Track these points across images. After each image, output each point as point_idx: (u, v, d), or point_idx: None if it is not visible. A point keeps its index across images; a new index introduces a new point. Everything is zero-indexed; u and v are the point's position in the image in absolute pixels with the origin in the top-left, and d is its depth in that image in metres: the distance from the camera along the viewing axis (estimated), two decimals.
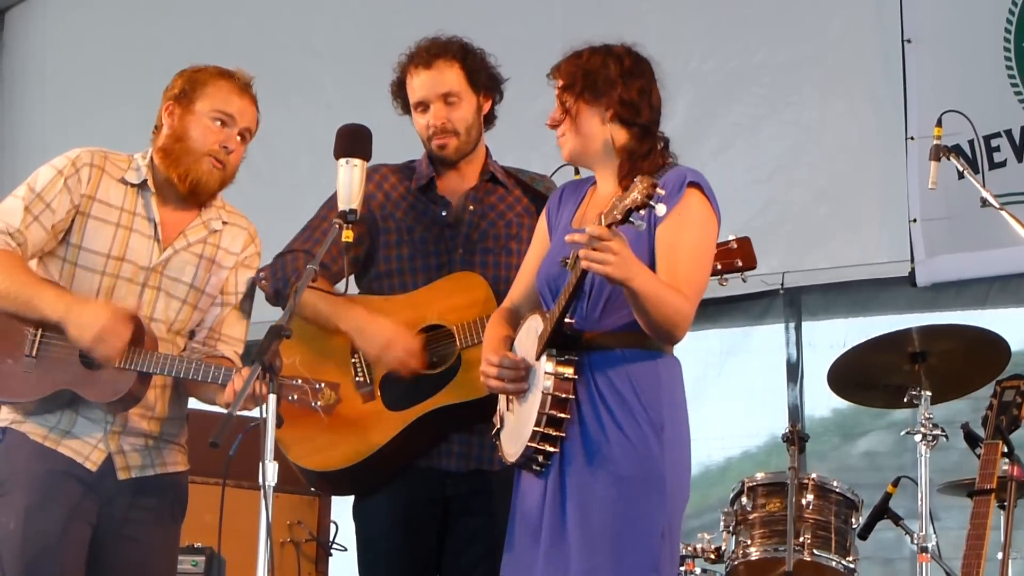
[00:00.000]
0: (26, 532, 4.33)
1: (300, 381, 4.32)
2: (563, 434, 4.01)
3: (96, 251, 4.50)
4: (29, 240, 4.44)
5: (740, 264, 4.74)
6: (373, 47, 8.14)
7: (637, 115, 4.16)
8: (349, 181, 4.16)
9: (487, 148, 4.94)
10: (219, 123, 4.53)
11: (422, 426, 4.64)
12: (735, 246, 4.78)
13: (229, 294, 4.66)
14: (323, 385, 4.32)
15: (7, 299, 4.37)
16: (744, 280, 4.85)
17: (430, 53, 4.80)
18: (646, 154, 4.16)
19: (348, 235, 4.14)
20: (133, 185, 4.56)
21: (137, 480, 4.50)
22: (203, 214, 4.62)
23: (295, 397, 4.31)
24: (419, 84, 4.81)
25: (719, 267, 4.72)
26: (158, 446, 4.55)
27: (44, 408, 4.41)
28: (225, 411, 4.08)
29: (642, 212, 3.70)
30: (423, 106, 4.81)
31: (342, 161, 4.18)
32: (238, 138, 4.56)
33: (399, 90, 4.88)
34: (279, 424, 3.91)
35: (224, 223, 4.66)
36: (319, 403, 4.31)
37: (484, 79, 4.84)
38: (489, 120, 4.92)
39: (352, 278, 4.88)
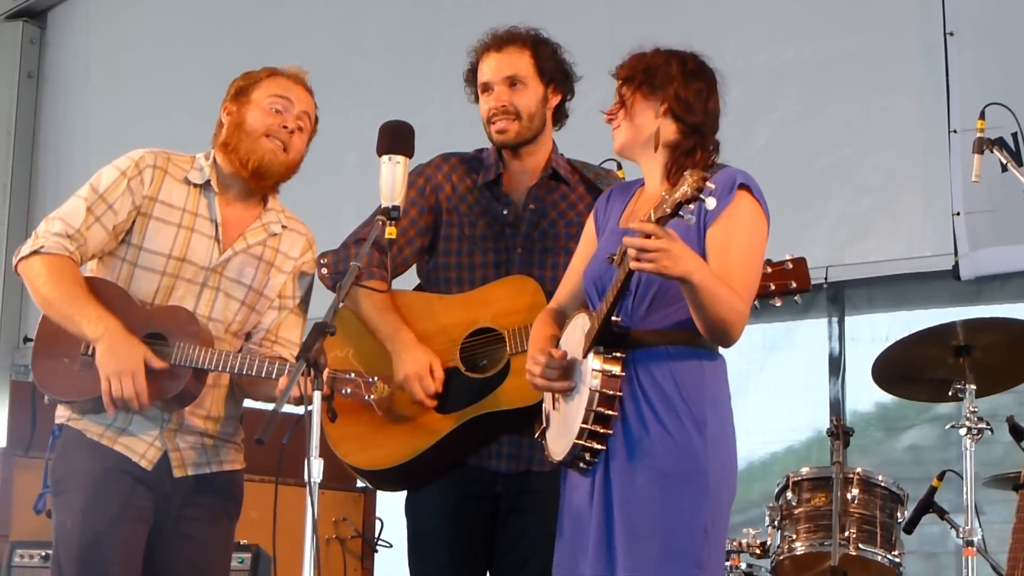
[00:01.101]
0: (83, 531, 4.37)
1: (353, 375, 4.30)
2: (611, 431, 3.99)
3: (157, 251, 4.52)
4: (89, 241, 4.47)
5: (794, 286, 4.61)
6: (420, 46, 8.19)
7: (690, 113, 4.14)
8: (392, 178, 4.15)
9: (554, 143, 4.90)
10: (275, 110, 4.56)
11: (468, 430, 4.64)
12: (791, 266, 4.57)
13: (287, 298, 4.69)
14: (376, 379, 4.30)
15: (52, 309, 4.41)
16: (798, 302, 4.71)
17: (503, 38, 4.80)
18: (690, 151, 4.15)
19: (391, 232, 4.12)
20: (196, 185, 4.59)
21: (194, 478, 4.53)
22: (263, 216, 4.65)
23: (348, 391, 4.28)
24: (487, 67, 4.80)
25: (772, 288, 4.54)
26: (215, 444, 4.58)
27: (100, 406, 4.42)
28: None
29: (691, 206, 3.68)
30: (488, 89, 4.80)
31: (384, 158, 4.17)
32: (298, 122, 4.57)
33: (472, 77, 4.87)
34: (333, 418, 3.90)
35: (283, 227, 4.69)
36: (372, 397, 4.29)
37: (553, 70, 4.80)
38: (559, 117, 4.88)
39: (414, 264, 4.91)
